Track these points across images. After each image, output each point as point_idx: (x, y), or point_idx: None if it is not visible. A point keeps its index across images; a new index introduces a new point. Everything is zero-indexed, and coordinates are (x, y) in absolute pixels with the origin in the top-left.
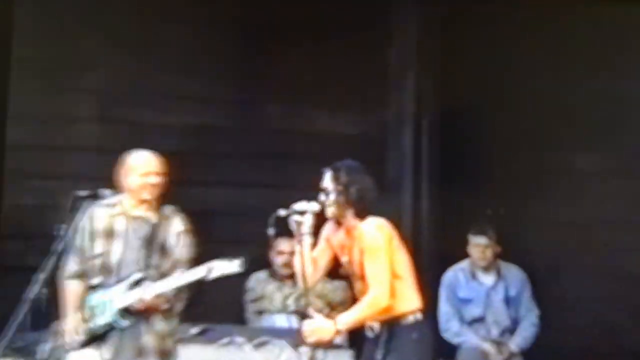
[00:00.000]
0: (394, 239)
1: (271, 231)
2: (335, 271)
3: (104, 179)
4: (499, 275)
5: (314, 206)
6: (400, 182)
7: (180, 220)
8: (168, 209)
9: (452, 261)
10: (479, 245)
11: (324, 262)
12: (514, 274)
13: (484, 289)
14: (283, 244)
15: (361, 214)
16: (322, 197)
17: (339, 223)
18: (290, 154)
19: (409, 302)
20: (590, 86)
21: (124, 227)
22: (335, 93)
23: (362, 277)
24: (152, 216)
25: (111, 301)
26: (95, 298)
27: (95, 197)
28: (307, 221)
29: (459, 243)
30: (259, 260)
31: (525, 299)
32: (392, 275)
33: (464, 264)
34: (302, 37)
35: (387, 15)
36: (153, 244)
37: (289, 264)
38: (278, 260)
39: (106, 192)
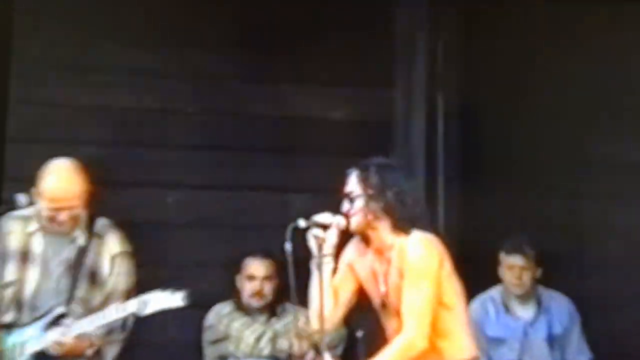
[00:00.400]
0: (445, 263)
1: (288, 247)
2: None
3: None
4: (540, 306)
5: (340, 220)
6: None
7: (117, 239)
8: (101, 224)
9: (478, 288)
10: (513, 266)
11: (346, 295)
12: (560, 306)
13: (520, 326)
14: (254, 266)
15: (401, 227)
16: (345, 205)
17: (367, 241)
18: (271, 145)
19: (464, 346)
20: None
21: (41, 248)
22: (329, 68)
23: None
24: (79, 234)
25: (24, 344)
26: (8, 340)
27: (6, 205)
28: (331, 238)
29: (487, 263)
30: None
31: (574, 338)
32: (442, 307)
33: (494, 292)
34: None
35: None
36: (79, 270)
37: (261, 292)
38: (248, 287)
39: (21, 198)
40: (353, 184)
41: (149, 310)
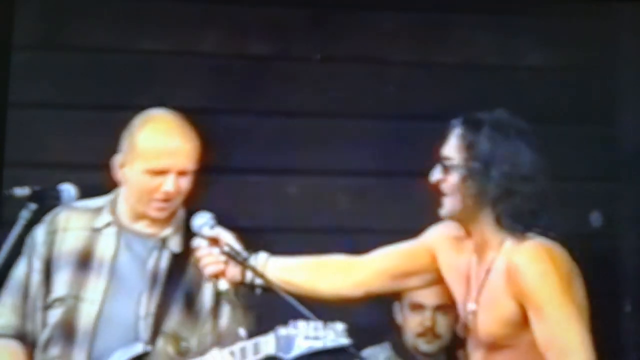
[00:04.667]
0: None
1: None
2: None
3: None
4: None
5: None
6: None
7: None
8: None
9: None
10: None
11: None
12: None
13: None
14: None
15: (507, 226)
16: (435, 173)
17: (467, 232)
18: None
19: None
20: None
21: (112, 252)
22: None
23: (501, 347)
24: (172, 234)
25: None
26: None
27: (40, 197)
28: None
29: None
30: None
31: None
32: None
33: None
34: None
35: None
36: (172, 290)
37: (432, 330)
38: (413, 321)
39: (67, 188)
40: (452, 145)
41: (295, 353)
